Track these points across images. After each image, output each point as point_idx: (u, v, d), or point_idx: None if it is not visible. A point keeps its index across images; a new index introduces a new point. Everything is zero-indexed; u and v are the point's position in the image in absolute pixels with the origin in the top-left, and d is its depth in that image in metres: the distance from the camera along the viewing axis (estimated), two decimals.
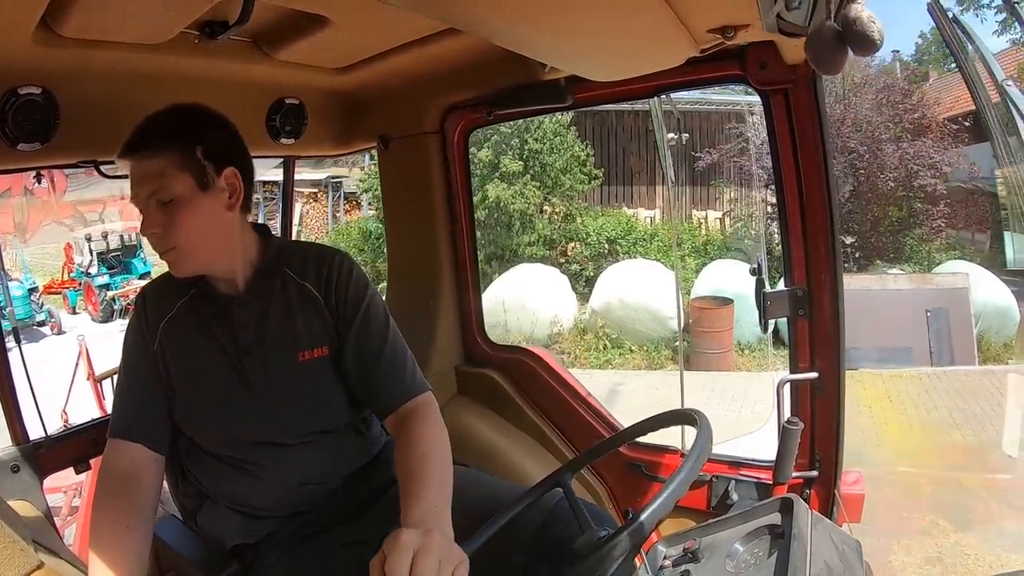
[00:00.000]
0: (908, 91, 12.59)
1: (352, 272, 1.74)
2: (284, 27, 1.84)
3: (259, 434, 1.64)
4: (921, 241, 12.47)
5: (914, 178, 11.69)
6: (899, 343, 9.86)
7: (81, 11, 1.43)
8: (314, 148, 2.67)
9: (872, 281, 10.66)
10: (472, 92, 2.39)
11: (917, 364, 9.68)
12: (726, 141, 13.17)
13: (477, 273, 2.74)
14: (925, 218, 12.16)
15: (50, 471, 2.08)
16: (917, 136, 12.05)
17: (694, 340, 10.55)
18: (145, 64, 1.78)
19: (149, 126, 1.53)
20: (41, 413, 2.15)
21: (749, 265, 8.02)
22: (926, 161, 11.76)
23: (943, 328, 10.01)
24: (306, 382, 1.67)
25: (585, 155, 13.85)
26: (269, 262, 1.69)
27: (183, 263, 1.59)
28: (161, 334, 1.65)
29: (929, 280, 10.69)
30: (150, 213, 1.53)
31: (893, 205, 12.16)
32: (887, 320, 9.79)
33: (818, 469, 2.04)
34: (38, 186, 13.77)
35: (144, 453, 1.60)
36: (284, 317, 1.67)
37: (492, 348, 2.76)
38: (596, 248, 13.40)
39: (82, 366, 6.51)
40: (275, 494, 1.67)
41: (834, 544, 1.48)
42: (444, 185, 2.63)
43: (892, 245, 12.51)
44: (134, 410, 1.64)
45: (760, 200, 12.55)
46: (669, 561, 1.56)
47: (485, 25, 1.27)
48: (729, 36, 1.50)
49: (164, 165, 1.51)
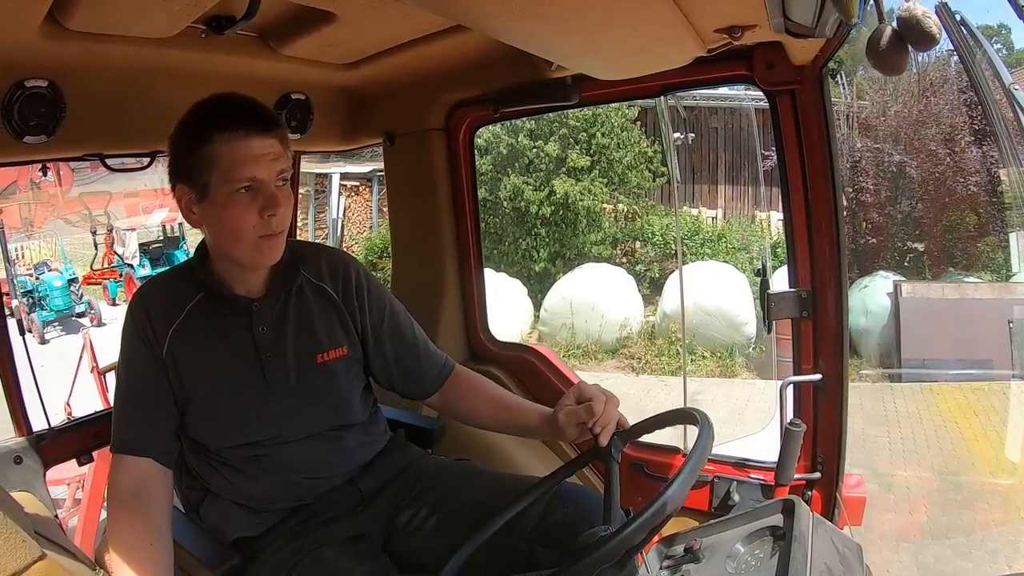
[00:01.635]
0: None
1: (367, 274, 1.79)
2: (290, 23, 1.84)
3: (276, 435, 1.65)
4: (996, 248, 11.87)
5: (997, 183, 11.24)
6: (980, 355, 9.35)
7: (88, 5, 1.43)
8: (320, 143, 2.67)
9: (950, 290, 10.23)
10: (478, 89, 2.39)
11: (999, 377, 9.01)
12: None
13: (482, 270, 2.74)
14: (1003, 224, 11.58)
15: (53, 463, 2.08)
16: (984, 136, 11.37)
17: (773, 347, 10.17)
18: (151, 58, 1.78)
19: (261, 107, 1.55)
20: (44, 405, 2.16)
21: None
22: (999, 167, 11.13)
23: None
24: (325, 382, 1.68)
25: (652, 151, 13.14)
26: (286, 263, 1.67)
27: (282, 247, 1.60)
28: (171, 340, 1.60)
29: (1011, 289, 10.17)
30: (276, 192, 1.51)
31: (970, 210, 11.69)
32: (966, 330, 9.40)
33: (820, 471, 2.04)
34: (44, 179, 13.79)
35: (153, 467, 1.59)
36: (302, 319, 1.67)
37: (495, 345, 2.76)
38: (663, 249, 12.94)
39: (86, 358, 6.53)
40: (279, 488, 1.68)
41: (835, 547, 1.48)
42: (449, 182, 2.63)
43: (964, 252, 12.01)
44: (141, 423, 1.61)
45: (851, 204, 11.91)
46: (670, 561, 1.56)
47: (491, 22, 1.27)
48: (736, 36, 1.49)
49: (283, 148, 1.53)
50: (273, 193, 1.50)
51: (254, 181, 1.49)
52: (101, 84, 1.81)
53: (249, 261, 1.59)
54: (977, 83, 1.91)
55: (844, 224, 1.94)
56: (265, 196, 1.50)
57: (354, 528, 1.69)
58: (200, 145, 1.48)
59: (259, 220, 1.51)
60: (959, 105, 11.67)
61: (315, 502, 1.71)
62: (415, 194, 2.69)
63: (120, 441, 1.59)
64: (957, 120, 11.64)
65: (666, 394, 9.43)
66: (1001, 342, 9.13)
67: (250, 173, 1.48)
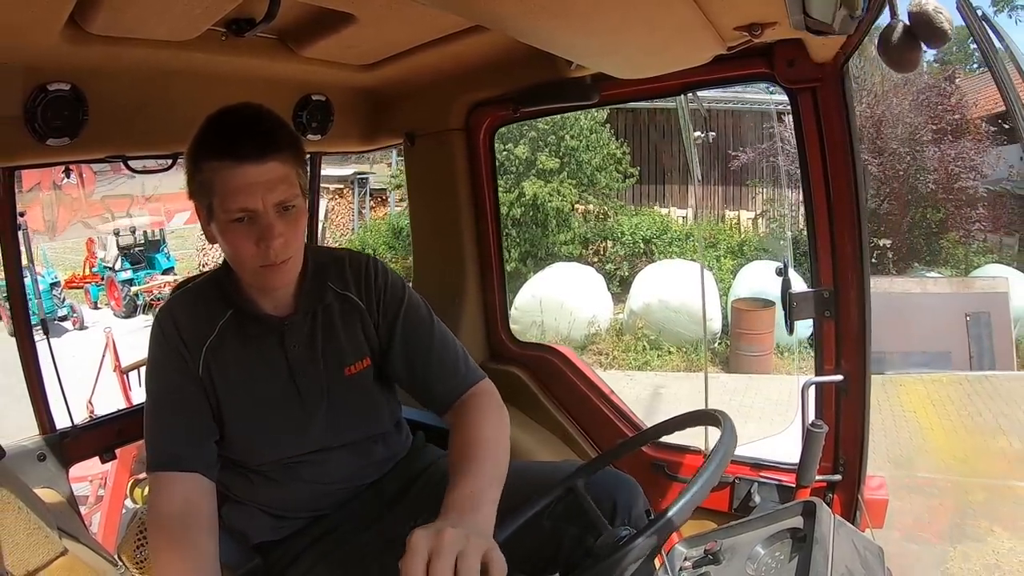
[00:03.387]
0: (947, 91, 12.44)
1: (387, 273, 1.73)
2: (310, 24, 1.85)
3: (309, 446, 1.64)
4: (957, 244, 12.34)
5: (955, 180, 11.61)
6: (939, 347, 9.82)
7: (109, 9, 1.45)
8: (340, 144, 2.69)
9: (912, 284, 10.60)
10: (498, 89, 2.39)
11: (957, 369, 9.59)
12: (760, 141, 13.07)
13: (503, 270, 2.75)
14: (963, 220, 12.04)
15: (76, 460, 2.11)
16: (957, 137, 11.92)
17: (733, 342, 10.52)
18: (172, 61, 1.80)
19: (262, 127, 1.45)
20: (68, 403, 2.19)
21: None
22: (967, 163, 11.67)
23: (983, 333, 9.93)
24: (355, 395, 1.67)
25: (621, 153, 13.70)
26: (312, 277, 1.64)
27: (291, 273, 1.54)
28: (205, 358, 1.56)
29: (969, 284, 10.63)
30: (272, 221, 1.43)
31: (931, 207, 12.11)
32: (927, 324, 9.78)
33: (842, 473, 2.02)
34: (67, 181, 13.93)
35: (198, 482, 1.49)
36: (330, 333, 1.65)
37: (517, 345, 2.76)
38: (632, 248, 13.24)
39: (108, 357, 6.59)
40: (306, 497, 1.68)
41: (856, 549, 1.47)
42: (470, 182, 2.63)
43: (928, 248, 12.44)
44: (182, 438, 1.52)
45: (795, 201, 12.17)
46: (690, 562, 1.55)
47: (510, 22, 1.26)
48: (756, 34, 1.48)
49: (288, 171, 1.46)
50: (269, 224, 1.43)
51: (247, 212, 1.43)
52: (123, 87, 1.83)
53: (255, 286, 1.57)
54: (999, 79, 1.88)
55: (867, 223, 1.92)
56: (261, 227, 1.44)
57: (386, 532, 1.67)
58: (197, 171, 1.45)
59: (256, 250, 1.45)
60: (919, 105, 12.14)
61: (340, 509, 1.70)
62: (435, 194, 2.70)
63: (160, 459, 1.50)
64: (918, 120, 12.07)
65: (631, 388, 9.66)
66: (959, 335, 9.84)
67: (241, 204, 1.42)
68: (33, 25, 1.45)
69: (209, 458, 1.55)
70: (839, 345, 1.97)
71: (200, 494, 1.49)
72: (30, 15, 1.40)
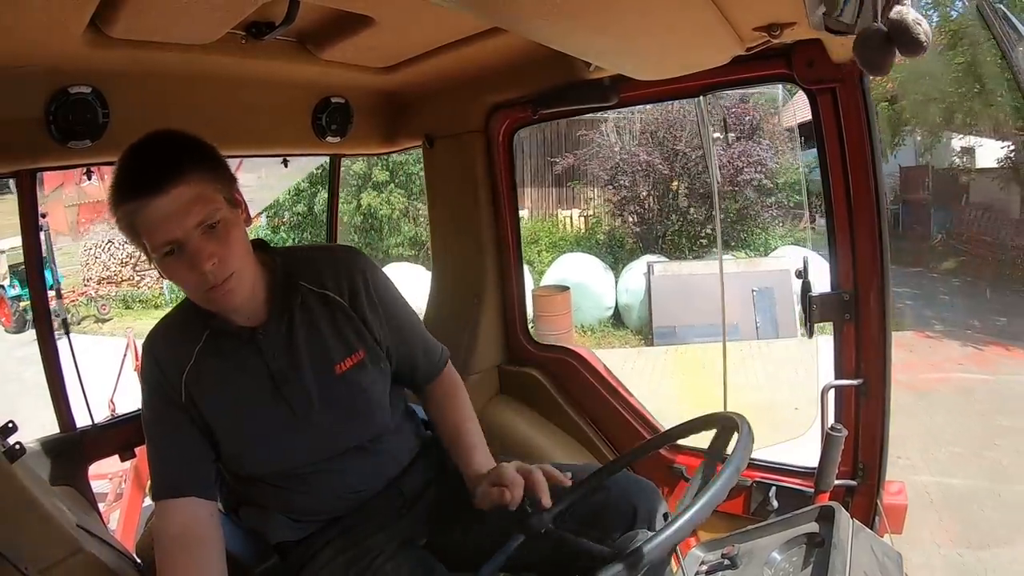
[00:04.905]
0: (744, 95, 13.38)
1: (364, 263, 1.71)
2: (329, 27, 1.86)
3: (314, 454, 1.62)
4: (761, 229, 13.93)
5: (739, 173, 12.97)
6: (728, 320, 10.78)
7: (130, 13, 1.46)
8: (360, 147, 2.70)
9: (700, 266, 12.26)
10: (517, 91, 2.39)
11: (745, 338, 11.07)
12: (580, 146, 14.05)
13: (521, 272, 2.75)
14: (760, 208, 13.59)
15: (95, 458, 2.13)
16: (749, 137, 13.31)
17: (536, 325, 11.05)
18: (192, 64, 1.81)
19: (161, 156, 1.41)
20: (88, 401, 2.21)
21: (598, 259, 10.27)
22: (750, 159, 13.04)
23: (767, 305, 11.54)
24: (349, 392, 1.62)
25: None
26: (282, 279, 1.61)
27: (240, 288, 1.49)
28: (186, 385, 1.55)
29: (756, 264, 12.46)
30: (199, 245, 1.40)
31: (730, 198, 13.43)
32: (718, 300, 10.92)
33: (861, 478, 2.00)
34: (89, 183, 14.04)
35: (200, 506, 1.52)
36: (311, 333, 1.61)
37: (535, 347, 2.76)
38: None
39: (130, 357, 6.67)
40: (320, 503, 1.67)
41: (875, 555, 1.45)
42: (489, 184, 2.64)
43: (729, 234, 13.81)
44: (179, 465, 1.55)
45: (608, 200, 14.15)
46: (706, 566, 1.54)
47: (529, 24, 1.26)
48: (775, 34, 1.47)
49: (200, 189, 1.41)
50: (195, 248, 1.40)
51: (172, 243, 1.40)
52: (143, 90, 1.85)
53: (213, 309, 1.53)
54: (1020, 77, 1.86)
55: (887, 224, 1.90)
56: (188, 254, 1.40)
57: (399, 533, 1.67)
58: (117, 218, 1.42)
59: (195, 277, 1.43)
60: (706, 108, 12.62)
61: (358, 511, 1.69)
62: (455, 196, 2.71)
63: (159, 489, 1.54)
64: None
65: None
66: (747, 308, 11.35)
67: (163, 238, 1.39)
68: (54, 28, 1.46)
69: (205, 480, 1.56)
70: (859, 348, 1.95)
71: (199, 515, 1.52)
72: (52, 18, 1.41)
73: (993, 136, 13.43)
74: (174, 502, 1.51)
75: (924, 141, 14.76)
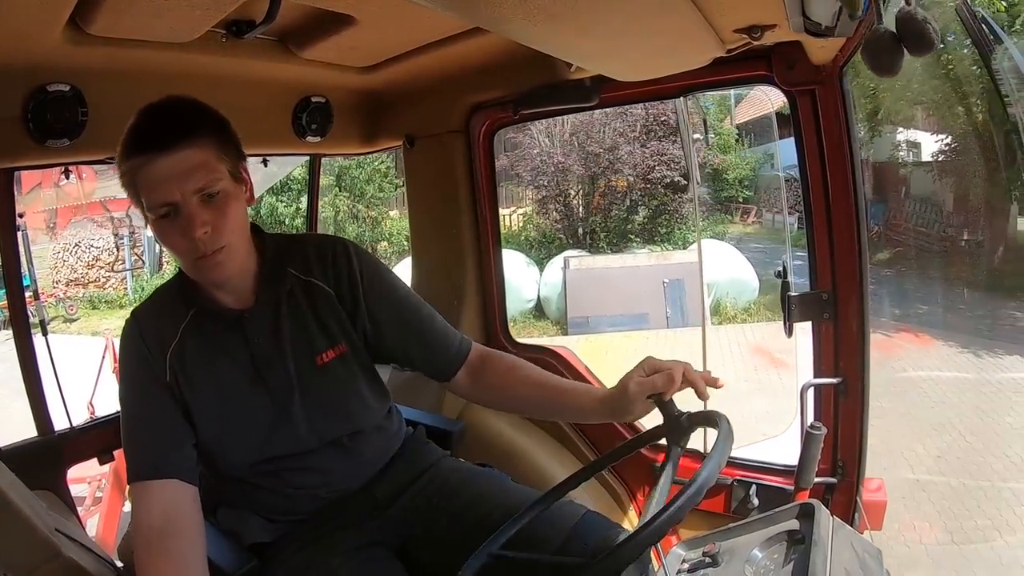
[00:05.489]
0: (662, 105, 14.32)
1: (357, 255, 1.68)
2: (310, 26, 1.85)
3: (291, 446, 1.59)
4: (680, 223, 15.16)
5: (650, 171, 13.97)
6: (638, 310, 12.52)
7: (109, 10, 1.45)
8: (340, 146, 2.69)
9: (615, 260, 13.53)
10: (498, 91, 2.39)
11: (655, 327, 12.26)
12: (513, 148, 14.92)
13: (501, 272, 2.73)
14: (678, 204, 14.82)
15: (74, 461, 2.10)
16: (662, 138, 14.27)
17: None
18: (172, 62, 1.79)
19: (174, 117, 1.41)
20: (67, 404, 2.18)
21: (523, 255, 10.95)
22: (661, 158, 14.02)
23: (677, 296, 12.51)
24: (330, 385, 1.61)
25: (386, 168, 16.39)
26: (271, 264, 1.60)
27: (230, 263, 1.48)
28: (171, 363, 1.53)
29: (669, 257, 13.56)
30: (194, 211, 1.39)
31: (648, 195, 14.65)
32: (630, 292, 12.44)
33: (840, 475, 2.02)
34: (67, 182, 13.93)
35: (181, 489, 1.48)
36: (296, 321, 1.60)
37: (515, 347, 2.75)
38: (399, 246, 15.72)
39: (108, 358, 6.61)
40: (296, 501, 1.65)
41: (855, 552, 1.46)
42: (469, 184, 2.63)
43: (646, 229, 15.26)
44: (159, 446, 1.51)
45: (533, 199, 15.62)
46: (687, 564, 1.54)
47: (510, 24, 1.26)
48: (756, 36, 1.49)
49: (206, 156, 1.41)
50: (190, 213, 1.39)
51: (169, 205, 1.39)
52: (123, 88, 1.82)
53: (200, 280, 1.53)
54: (996, 80, 1.89)
55: (865, 225, 1.92)
56: (183, 219, 1.40)
57: (366, 536, 1.65)
58: (122, 173, 1.43)
59: (186, 243, 1.42)
60: (620, 114, 14.23)
61: (333, 510, 1.66)
62: (435, 197, 2.70)
63: (138, 469, 1.49)
64: (623, 126, 14.54)
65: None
66: (658, 299, 12.47)
67: (161, 198, 1.39)
68: (33, 26, 1.45)
69: (188, 463, 1.52)
70: (837, 347, 1.97)
71: (181, 500, 1.47)
72: (31, 16, 1.40)
73: (929, 131, 13.71)
74: (154, 484, 1.46)
75: (864, 136, 15.08)
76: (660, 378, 1.46)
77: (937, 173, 13.73)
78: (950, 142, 12.87)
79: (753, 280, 13.15)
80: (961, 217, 13.01)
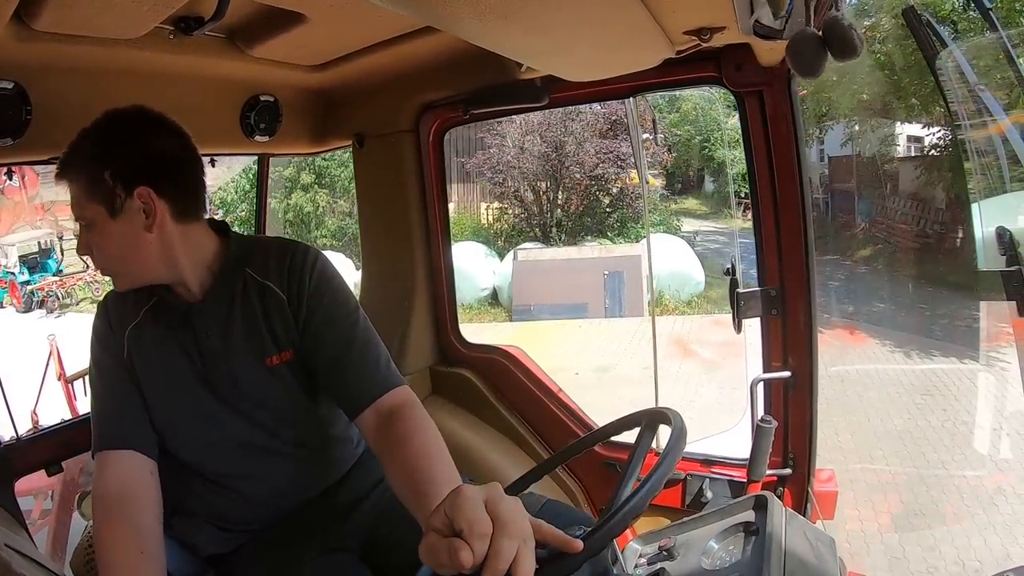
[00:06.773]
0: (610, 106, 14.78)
1: (314, 264, 1.62)
2: (260, 24, 1.83)
3: (234, 447, 1.59)
4: (632, 218, 15.73)
5: (595, 168, 14.74)
6: (578, 300, 13.24)
7: (55, 5, 1.41)
8: (289, 146, 2.65)
9: (561, 252, 14.14)
10: (448, 91, 2.38)
11: (594, 316, 12.89)
12: (482, 148, 15.60)
13: (451, 273, 2.72)
14: (632, 200, 15.46)
15: (21, 473, 2.03)
16: (615, 136, 14.90)
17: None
18: (119, 59, 1.75)
19: (70, 147, 1.50)
20: (12, 414, 2.12)
21: (483, 246, 11.59)
22: (611, 155, 14.67)
23: (616, 287, 13.12)
24: (275, 388, 1.59)
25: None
26: (229, 264, 1.60)
27: (119, 281, 1.58)
28: (128, 341, 1.58)
29: (612, 250, 14.16)
30: (81, 234, 1.52)
31: (603, 192, 15.62)
32: (572, 282, 13.15)
33: (792, 467, 2.06)
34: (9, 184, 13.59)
35: (139, 460, 1.52)
36: (248, 321, 1.58)
37: (466, 348, 2.75)
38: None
39: (52, 365, 6.41)
40: (250, 509, 1.64)
41: (808, 541, 1.49)
42: (419, 185, 2.61)
43: (600, 223, 15.85)
44: (119, 418, 1.55)
45: (508, 194, 16.02)
46: (644, 559, 1.56)
47: (461, 23, 1.26)
48: (705, 38, 1.51)
49: (77, 191, 1.48)
50: (79, 235, 1.53)
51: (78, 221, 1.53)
52: (68, 85, 1.77)
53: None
54: (941, 85, 1.95)
55: (812, 223, 1.97)
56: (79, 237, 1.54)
57: (330, 542, 1.64)
58: None
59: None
60: (569, 114, 14.83)
61: (290, 519, 1.65)
62: (384, 197, 2.67)
63: (100, 440, 1.53)
64: (575, 127, 15.14)
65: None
66: (597, 290, 13.08)
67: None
68: None
69: (145, 435, 1.56)
70: (786, 342, 2.01)
71: (139, 472, 1.51)
72: None
73: (913, 124, 14.09)
74: (114, 454, 1.51)
75: (849, 131, 15.49)
76: (445, 550, 0.93)
77: (924, 169, 14.00)
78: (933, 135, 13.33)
79: (698, 274, 13.76)
80: (935, 214, 13.36)
